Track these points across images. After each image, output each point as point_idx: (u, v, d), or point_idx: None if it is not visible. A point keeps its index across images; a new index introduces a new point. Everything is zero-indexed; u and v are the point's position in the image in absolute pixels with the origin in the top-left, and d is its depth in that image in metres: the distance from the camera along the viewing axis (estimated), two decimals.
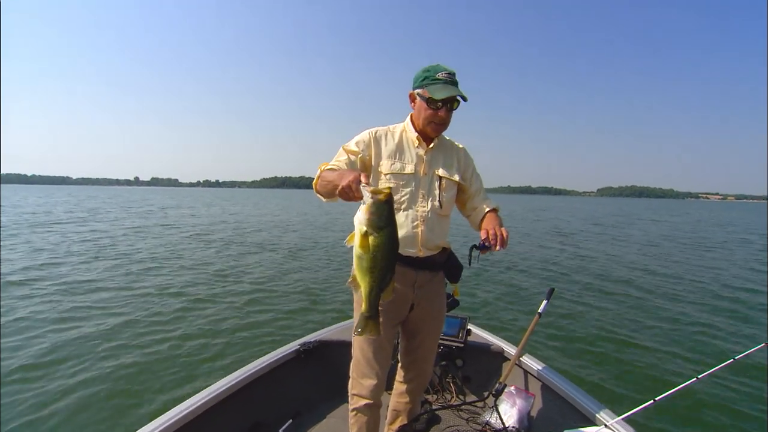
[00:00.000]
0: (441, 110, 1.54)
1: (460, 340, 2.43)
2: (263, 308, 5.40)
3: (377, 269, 1.19)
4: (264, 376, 2.15)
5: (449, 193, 1.63)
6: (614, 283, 7.31)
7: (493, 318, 5.12)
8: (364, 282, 1.21)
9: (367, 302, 1.25)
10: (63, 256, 8.78)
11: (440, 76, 1.52)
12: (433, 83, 1.52)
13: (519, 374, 2.32)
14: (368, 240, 1.15)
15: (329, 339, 2.53)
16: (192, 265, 8.17)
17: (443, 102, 1.52)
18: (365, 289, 1.22)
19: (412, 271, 1.60)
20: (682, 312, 5.61)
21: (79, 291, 5.97)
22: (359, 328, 1.30)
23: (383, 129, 1.66)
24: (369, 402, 1.58)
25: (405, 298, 1.62)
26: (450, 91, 1.50)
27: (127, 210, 25.73)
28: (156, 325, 4.61)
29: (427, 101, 1.54)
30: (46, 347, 3.91)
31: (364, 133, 1.62)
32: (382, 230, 1.16)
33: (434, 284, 1.67)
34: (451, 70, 1.54)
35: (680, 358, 4.07)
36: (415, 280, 1.61)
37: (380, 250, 1.17)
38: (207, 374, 3.50)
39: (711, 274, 8.42)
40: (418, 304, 1.65)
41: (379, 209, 1.15)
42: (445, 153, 1.67)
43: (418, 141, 1.62)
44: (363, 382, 1.59)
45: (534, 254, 10.55)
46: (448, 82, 1.52)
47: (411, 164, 1.59)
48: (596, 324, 5.03)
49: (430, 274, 1.64)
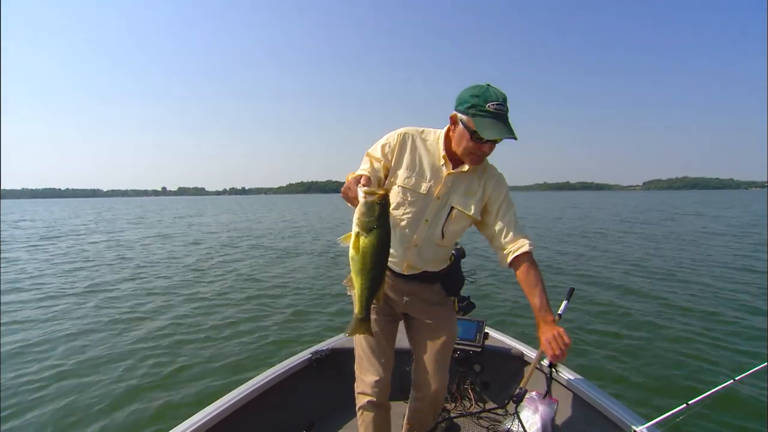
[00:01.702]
0: (486, 145, 1.42)
1: (477, 345, 2.41)
2: (273, 314, 5.52)
3: (367, 271, 1.21)
4: (276, 386, 2.18)
5: (457, 226, 1.55)
6: (639, 283, 7.04)
7: (510, 320, 5.05)
8: (357, 283, 1.23)
9: (359, 304, 1.27)
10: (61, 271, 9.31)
11: (490, 108, 1.35)
12: (481, 115, 1.36)
13: (540, 379, 2.27)
14: (357, 240, 1.18)
15: (342, 347, 2.55)
16: (199, 275, 8.45)
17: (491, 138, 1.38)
18: (357, 290, 1.24)
19: (400, 279, 1.64)
20: (717, 311, 5.33)
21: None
22: (350, 330, 1.33)
23: (416, 131, 1.56)
24: (372, 399, 1.58)
25: (395, 302, 1.67)
26: (499, 131, 1.36)
27: (181, 219, 26.75)
28: (160, 338, 4.69)
29: (471, 133, 1.40)
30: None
31: (392, 135, 1.55)
32: (373, 231, 1.17)
33: (427, 293, 1.67)
34: (501, 96, 1.37)
35: (715, 360, 3.89)
36: (404, 289, 1.64)
37: (369, 252, 1.18)
38: (217, 385, 3.56)
39: (756, 274, 7.73)
40: (411, 312, 1.67)
41: (370, 210, 1.16)
42: (471, 179, 1.54)
43: (444, 160, 1.51)
44: (365, 378, 1.61)
45: (553, 253, 10.32)
46: (499, 115, 1.36)
47: (427, 183, 1.51)
48: (620, 324, 4.89)
49: (421, 284, 1.65)
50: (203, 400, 3.08)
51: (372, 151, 1.55)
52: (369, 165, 1.54)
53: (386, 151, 1.54)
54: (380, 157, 1.53)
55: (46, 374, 3.74)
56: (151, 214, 35.82)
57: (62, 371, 3.81)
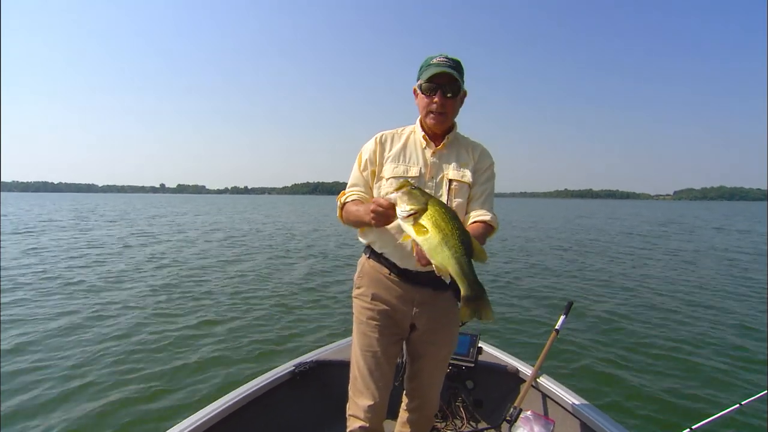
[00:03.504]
0: (436, 95, 1.51)
1: (470, 360, 2.38)
2: (254, 324, 5.29)
3: (450, 235, 1.18)
4: (255, 401, 2.13)
5: (461, 198, 1.58)
6: (643, 298, 6.94)
7: (506, 335, 4.97)
8: (448, 258, 1.18)
9: (464, 279, 1.19)
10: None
11: (434, 61, 1.51)
12: (426, 69, 1.51)
13: (536, 397, 2.25)
14: (422, 224, 1.19)
15: (327, 359, 2.49)
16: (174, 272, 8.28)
17: (435, 83, 1.50)
18: (453, 265, 1.18)
19: (410, 286, 1.59)
20: (724, 332, 5.23)
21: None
22: (467, 316, 1.23)
23: (390, 132, 1.67)
24: (364, 425, 1.56)
25: (403, 314, 1.61)
26: (436, 67, 1.48)
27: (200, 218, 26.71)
28: (125, 348, 4.41)
29: (421, 89, 1.54)
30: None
31: (370, 142, 1.64)
32: (428, 202, 1.22)
33: (439, 304, 1.63)
34: (450, 56, 1.52)
35: (719, 384, 3.83)
36: (414, 297, 1.59)
37: (437, 215, 1.20)
38: (193, 399, 3.42)
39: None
40: (419, 324, 1.63)
41: (412, 191, 1.24)
42: (458, 151, 1.63)
43: (425, 141, 1.60)
44: (358, 401, 1.58)
45: (552, 264, 10.22)
46: (441, 64, 1.49)
47: (416, 167, 1.58)
48: (621, 342, 4.84)
49: (434, 292, 1.60)
50: (171, 417, 3.03)
51: (357, 165, 1.64)
52: (358, 184, 1.63)
53: (371, 158, 1.61)
54: (367, 170, 1.61)
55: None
56: (133, 212, 34.46)
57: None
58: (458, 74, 1.50)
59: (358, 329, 1.66)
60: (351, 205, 1.55)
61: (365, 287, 1.65)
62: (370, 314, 1.61)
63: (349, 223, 1.58)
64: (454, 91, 1.52)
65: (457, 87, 1.52)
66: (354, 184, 1.63)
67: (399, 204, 1.24)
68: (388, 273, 1.60)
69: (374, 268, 1.63)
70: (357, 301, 1.68)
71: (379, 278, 1.62)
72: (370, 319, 1.61)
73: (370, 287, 1.63)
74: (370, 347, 1.59)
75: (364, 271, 1.67)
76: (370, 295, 1.62)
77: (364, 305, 1.64)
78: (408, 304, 1.59)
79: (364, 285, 1.65)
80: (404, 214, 1.22)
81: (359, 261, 1.73)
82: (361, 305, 1.65)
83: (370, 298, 1.62)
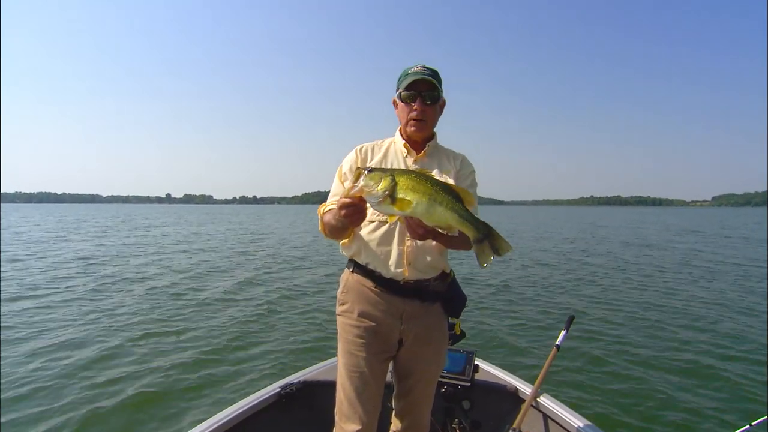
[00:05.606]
0: (415, 102, 1.60)
1: (467, 379, 2.37)
2: (237, 344, 5.23)
3: (434, 192, 1.22)
4: (239, 426, 2.11)
5: None
6: (649, 313, 6.83)
7: (504, 351, 4.95)
8: (444, 212, 1.22)
9: (467, 225, 1.24)
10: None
11: (412, 70, 1.61)
12: (405, 78, 1.61)
13: (536, 418, 2.24)
14: (401, 198, 1.21)
15: (315, 379, 2.49)
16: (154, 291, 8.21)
17: (414, 91, 1.59)
18: (452, 215, 1.22)
19: (397, 298, 1.60)
20: (736, 353, 5.11)
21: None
22: (484, 258, 1.26)
23: (370, 144, 1.76)
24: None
25: (390, 329, 1.62)
26: (414, 75, 1.58)
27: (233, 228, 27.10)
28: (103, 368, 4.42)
29: (400, 98, 1.64)
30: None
31: (351, 154, 1.72)
32: (393, 172, 1.25)
33: (428, 318, 1.65)
34: (428, 65, 1.62)
35: (729, 405, 3.78)
36: (402, 311, 1.60)
37: (411, 182, 1.22)
38: (173, 425, 3.37)
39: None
40: (406, 339, 1.63)
41: (372, 174, 1.24)
42: (440, 159, 1.71)
43: (406, 149, 1.69)
44: (345, 426, 1.57)
45: (553, 276, 10.12)
46: (420, 73, 1.59)
47: None
48: (626, 359, 4.79)
49: (422, 304, 1.62)
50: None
51: (338, 178, 1.70)
52: (341, 193, 1.66)
53: (352, 169, 1.66)
54: (347, 180, 1.65)
55: None
56: (121, 224, 34.17)
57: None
58: (437, 81, 1.59)
59: (343, 348, 1.65)
60: (328, 215, 1.59)
61: (350, 303, 1.66)
62: (357, 332, 1.61)
63: (330, 233, 1.61)
64: (433, 99, 1.61)
65: (436, 95, 1.60)
66: (334, 194, 1.68)
67: (367, 193, 1.23)
68: (373, 285, 1.61)
69: (359, 281, 1.65)
70: (342, 319, 1.69)
71: (364, 292, 1.63)
72: (357, 337, 1.61)
73: (355, 303, 1.64)
74: (357, 367, 1.59)
75: (348, 286, 1.69)
76: (356, 311, 1.63)
77: (349, 322, 1.64)
78: (395, 319, 1.60)
79: (349, 301, 1.66)
80: (379, 198, 1.21)
81: (342, 276, 1.75)
82: (346, 322, 1.66)
83: (356, 315, 1.63)
